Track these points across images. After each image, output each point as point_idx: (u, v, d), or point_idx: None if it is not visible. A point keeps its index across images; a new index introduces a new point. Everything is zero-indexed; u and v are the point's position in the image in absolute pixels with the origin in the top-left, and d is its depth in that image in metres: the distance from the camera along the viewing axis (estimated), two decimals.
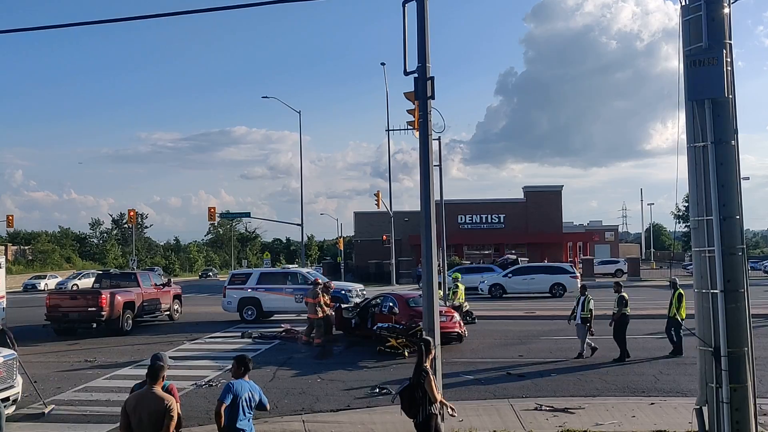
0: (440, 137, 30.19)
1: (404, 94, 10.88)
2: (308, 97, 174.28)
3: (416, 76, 9.47)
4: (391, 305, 19.51)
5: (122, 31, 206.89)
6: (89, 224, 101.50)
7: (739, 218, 7.36)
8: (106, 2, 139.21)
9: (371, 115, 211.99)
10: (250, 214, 65.56)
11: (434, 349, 8.16)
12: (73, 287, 49.04)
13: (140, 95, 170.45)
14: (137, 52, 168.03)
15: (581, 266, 58.43)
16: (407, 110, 12.02)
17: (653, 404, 11.77)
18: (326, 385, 14.19)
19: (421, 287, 10.58)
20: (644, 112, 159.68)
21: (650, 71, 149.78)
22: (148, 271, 41.38)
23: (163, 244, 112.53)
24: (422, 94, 9.40)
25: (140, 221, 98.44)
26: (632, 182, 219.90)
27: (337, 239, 74.93)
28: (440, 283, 24.64)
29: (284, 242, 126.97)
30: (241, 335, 21.57)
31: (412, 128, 12.56)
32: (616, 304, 16.55)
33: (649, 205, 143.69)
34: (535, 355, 17.35)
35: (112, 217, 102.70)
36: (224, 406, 7.10)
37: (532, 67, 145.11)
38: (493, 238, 60.91)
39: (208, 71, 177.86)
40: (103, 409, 12.37)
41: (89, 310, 22.23)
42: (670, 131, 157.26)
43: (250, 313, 25.83)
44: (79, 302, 22.74)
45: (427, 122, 9.42)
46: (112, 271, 34.39)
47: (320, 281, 21.60)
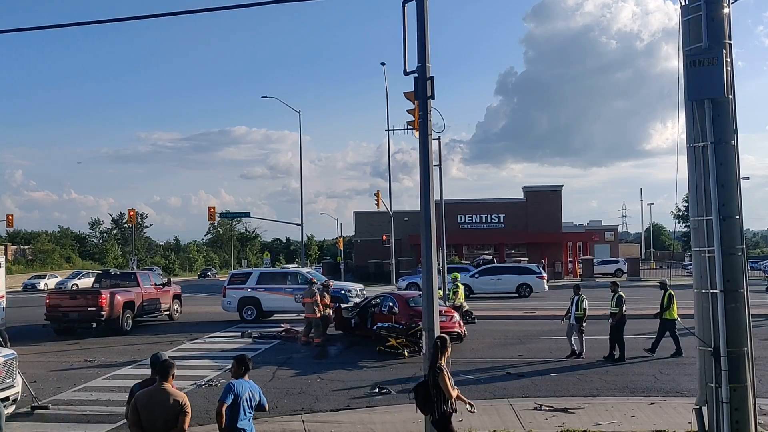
0: (440, 137, 30.25)
1: (404, 94, 10.88)
2: (308, 96, 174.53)
3: (416, 75, 9.46)
4: (390, 305, 19.51)
5: (122, 31, 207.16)
6: (89, 224, 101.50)
7: (738, 218, 7.37)
8: (105, 2, 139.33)
9: (371, 114, 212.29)
10: (249, 213, 65.56)
11: (450, 346, 8.17)
12: (72, 287, 49.05)
13: (140, 95, 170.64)
14: (137, 52, 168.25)
15: (581, 266, 58.56)
16: (407, 110, 12.02)
17: (653, 404, 11.77)
18: (326, 384, 14.19)
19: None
20: (644, 112, 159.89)
21: (650, 71, 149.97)
22: (147, 270, 41.38)
23: (163, 243, 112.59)
24: (422, 93, 9.40)
25: (140, 221, 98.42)
26: (632, 182, 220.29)
27: (336, 239, 74.95)
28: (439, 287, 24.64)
29: (284, 242, 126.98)
30: (240, 335, 21.57)
31: (412, 128, 12.56)
32: (615, 303, 16.55)
33: (648, 205, 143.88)
34: (534, 354, 17.36)
35: (111, 216, 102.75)
36: (225, 406, 7.11)
37: (532, 66, 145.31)
38: (493, 238, 60.90)
39: (207, 71, 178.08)
40: (102, 408, 12.37)
41: (89, 309, 22.24)
42: (669, 131, 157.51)
43: (249, 312, 25.84)
44: (78, 302, 22.75)
45: (427, 122, 9.42)
46: (111, 270, 34.39)
47: (315, 281, 21.60)
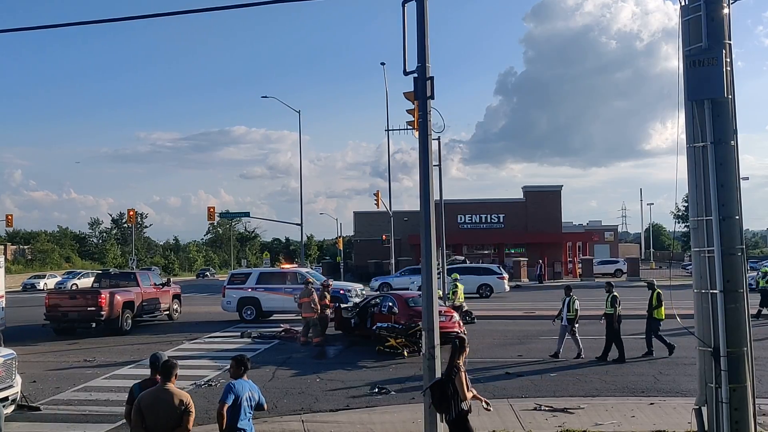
0: (440, 137, 30.26)
1: (404, 94, 10.87)
2: (308, 96, 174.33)
3: (416, 75, 9.46)
4: (390, 305, 19.51)
5: (121, 30, 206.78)
6: (88, 224, 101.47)
7: (738, 218, 7.37)
8: (105, 2, 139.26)
9: (371, 114, 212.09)
10: (249, 213, 65.41)
11: (468, 347, 8.17)
12: (72, 287, 49.06)
13: (139, 95, 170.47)
14: (136, 51, 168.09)
15: (580, 266, 58.55)
16: (407, 110, 12.02)
17: (653, 404, 11.77)
18: (325, 384, 14.19)
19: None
20: (644, 112, 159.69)
21: (650, 71, 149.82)
22: (146, 270, 41.38)
23: (162, 243, 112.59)
24: (422, 94, 9.39)
25: (140, 221, 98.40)
26: (632, 182, 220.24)
27: (336, 239, 74.94)
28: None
29: (284, 242, 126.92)
30: (240, 335, 21.57)
31: (411, 128, 12.58)
32: (609, 303, 16.55)
33: (648, 205, 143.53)
34: (534, 355, 17.36)
35: (111, 216, 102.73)
36: (226, 406, 7.10)
37: (531, 66, 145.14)
38: (492, 238, 60.91)
39: (207, 71, 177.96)
40: (102, 408, 12.37)
41: (88, 309, 22.23)
42: (669, 131, 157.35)
43: (249, 312, 25.84)
44: (78, 302, 22.75)
45: (426, 122, 9.41)
46: (111, 270, 34.38)
47: (311, 280, 21.61)
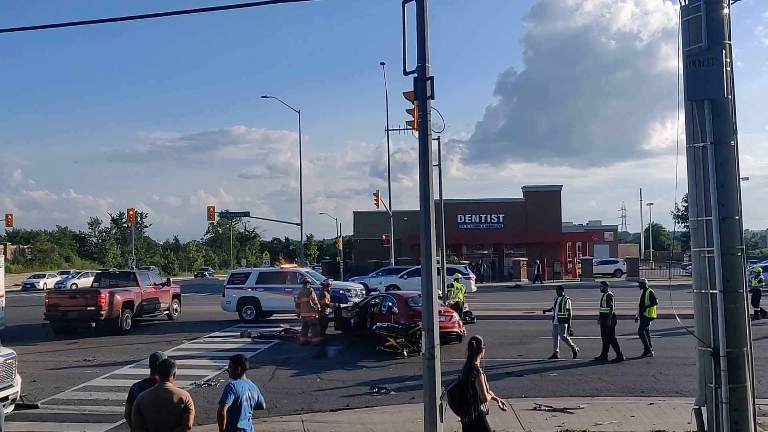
0: (439, 137, 30.25)
1: (403, 93, 10.86)
2: (307, 96, 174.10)
3: (416, 75, 9.44)
4: (390, 305, 19.52)
5: (121, 30, 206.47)
6: (88, 224, 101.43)
7: (738, 218, 7.37)
8: (105, 2, 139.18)
9: (370, 114, 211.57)
10: (249, 213, 65.30)
11: (484, 347, 8.18)
12: (72, 286, 49.05)
13: (139, 95, 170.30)
14: (136, 51, 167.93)
15: (580, 266, 58.55)
16: (406, 110, 12.02)
17: (652, 404, 11.78)
18: (325, 384, 14.20)
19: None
20: (643, 112, 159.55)
21: (649, 71, 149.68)
22: (144, 270, 41.38)
23: (162, 243, 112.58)
24: (422, 93, 9.38)
25: (139, 220, 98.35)
26: (631, 182, 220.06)
27: (336, 239, 74.91)
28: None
29: (283, 242, 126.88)
30: (240, 335, 21.57)
31: (411, 128, 12.57)
32: (605, 303, 16.55)
33: (648, 205, 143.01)
34: (534, 355, 17.37)
35: (111, 216, 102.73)
36: (227, 407, 7.10)
37: (531, 66, 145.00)
38: (492, 238, 60.91)
39: (207, 71, 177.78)
40: (102, 408, 12.37)
41: (88, 309, 22.24)
42: (669, 131, 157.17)
43: (249, 312, 25.84)
44: (78, 301, 22.75)
45: (426, 122, 9.40)
46: (111, 270, 34.37)
47: (310, 280, 21.61)
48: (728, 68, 7.35)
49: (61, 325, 22.72)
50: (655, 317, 16.73)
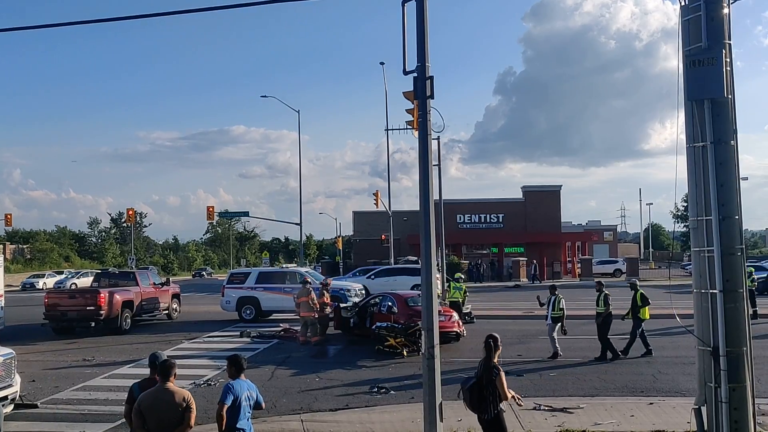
0: (439, 137, 30.23)
1: (403, 93, 10.87)
2: (307, 96, 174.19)
3: (415, 75, 9.44)
4: (389, 304, 19.51)
5: (121, 30, 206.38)
6: (88, 223, 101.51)
7: (738, 218, 7.36)
8: (104, 1, 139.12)
9: (370, 114, 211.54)
10: (248, 213, 65.41)
11: (501, 345, 8.24)
12: (71, 286, 49.03)
13: (139, 94, 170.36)
14: (136, 51, 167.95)
15: (579, 266, 58.56)
16: (406, 110, 12.03)
17: (652, 404, 11.77)
18: (325, 384, 14.19)
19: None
20: (643, 111, 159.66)
21: (649, 71, 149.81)
22: (143, 270, 41.36)
23: (161, 243, 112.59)
24: (421, 93, 9.37)
25: (139, 220, 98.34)
26: (631, 182, 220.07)
27: (335, 238, 74.95)
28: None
29: (283, 241, 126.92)
30: (239, 334, 21.57)
31: (411, 128, 12.56)
32: (602, 302, 16.51)
33: (647, 205, 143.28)
34: (533, 354, 17.36)
35: (110, 216, 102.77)
36: (226, 407, 7.10)
37: (530, 66, 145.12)
38: (492, 237, 60.91)
39: (206, 70, 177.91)
40: (101, 408, 12.36)
41: (88, 309, 22.22)
42: (668, 131, 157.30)
43: (248, 312, 25.84)
44: (77, 301, 22.73)
45: (426, 122, 9.40)
46: (110, 270, 34.36)
47: (309, 279, 21.61)
48: (728, 68, 7.35)
49: (60, 324, 22.71)
50: (647, 318, 16.71)
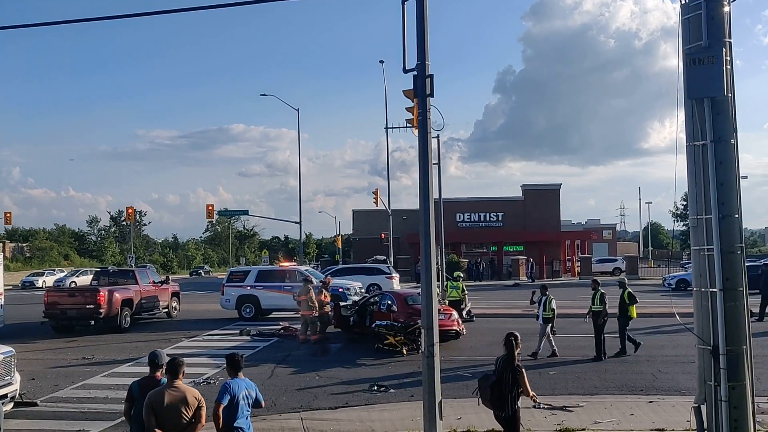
0: (439, 135, 30.12)
1: (403, 91, 10.86)
2: (306, 94, 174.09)
3: (415, 73, 9.43)
4: (389, 303, 19.51)
5: (120, 27, 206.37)
6: (87, 222, 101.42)
7: (738, 217, 7.36)
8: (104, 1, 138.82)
9: (369, 112, 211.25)
10: (248, 211, 65.29)
11: (521, 343, 8.60)
12: (71, 285, 49.03)
13: (138, 92, 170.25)
14: (135, 48, 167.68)
15: (579, 264, 58.56)
16: (406, 108, 11.98)
17: (652, 402, 11.78)
18: (324, 382, 14.20)
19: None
20: (642, 110, 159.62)
21: (648, 70, 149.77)
22: (142, 268, 41.35)
23: (161, 241, 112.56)
24: (421, 91, 9.37)
25: (138, 219, 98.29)
26: (630, 181, 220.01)
27: (335, 237, 74.96)
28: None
29: (282, 240, 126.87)
30: (239, 332, 21.58)
31: (410, 126, 12.51)
32: (599, 301, 16.50)
33: (647, 203, 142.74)
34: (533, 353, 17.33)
35: (110, 214, 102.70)
36: (222, 407, 7.09)
37: (530, 65, 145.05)
38: (491, 236, 60.87)
39: (206, 69, 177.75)
40: (100, 406, 12.37)
41: (87, 307, 22.20)
42: (668, 130, 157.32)
43: (248, 310, 25.85)
44: (77, 299, 22.72)
45: (426, 120, 9.39)
46: (110, 268, 34.35)
47: (309, 277, 21.62)
48: (728, 66, 7.34)
49: (60, 323, 22.70)
50: (634, 317, 16.69)
